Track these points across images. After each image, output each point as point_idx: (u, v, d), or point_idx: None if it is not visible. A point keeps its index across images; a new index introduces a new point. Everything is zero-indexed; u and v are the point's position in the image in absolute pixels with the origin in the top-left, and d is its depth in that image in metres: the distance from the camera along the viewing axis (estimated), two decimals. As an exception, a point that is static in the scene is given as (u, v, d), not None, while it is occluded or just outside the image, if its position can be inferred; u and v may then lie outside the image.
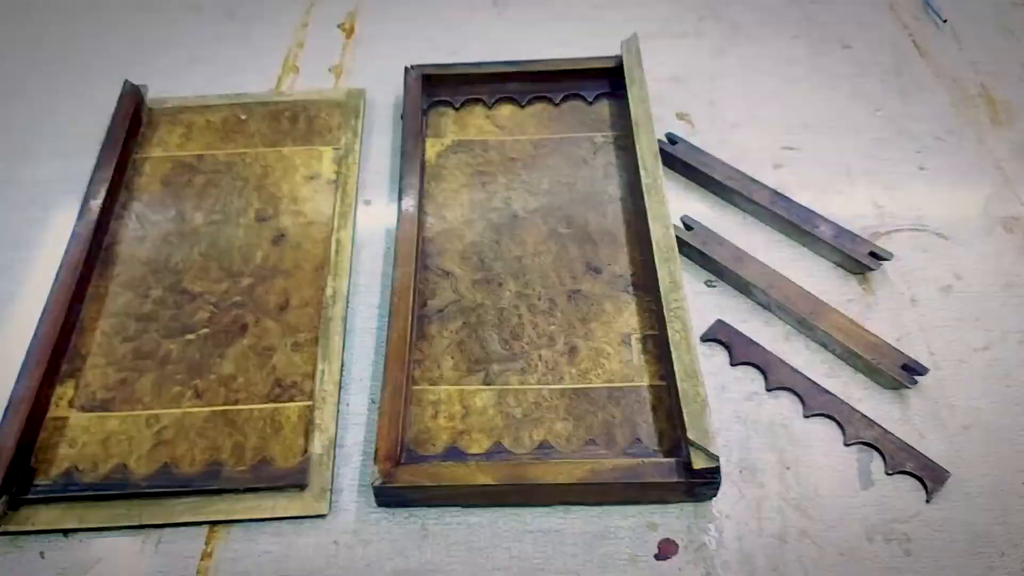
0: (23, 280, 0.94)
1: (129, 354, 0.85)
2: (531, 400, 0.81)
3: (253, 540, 0.74)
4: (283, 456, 0.78)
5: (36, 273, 0.94)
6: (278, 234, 0.95)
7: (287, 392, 0.82)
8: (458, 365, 0.84)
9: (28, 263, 0.95)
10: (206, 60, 1.20)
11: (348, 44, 1.22)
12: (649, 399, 0.81)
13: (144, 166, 1.03)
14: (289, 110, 1.09)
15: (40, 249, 0.97)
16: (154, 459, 0.78)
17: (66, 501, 0.75)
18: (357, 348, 0.88)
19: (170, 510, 0.75)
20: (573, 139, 1.05)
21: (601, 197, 0.98)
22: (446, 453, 0.77)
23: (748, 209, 0.98)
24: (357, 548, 0.74)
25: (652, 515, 0.75)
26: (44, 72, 1.18)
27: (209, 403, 0.82)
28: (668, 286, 0.83)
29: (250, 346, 0.86)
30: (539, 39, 1.22)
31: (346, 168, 1.01)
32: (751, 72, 1.16)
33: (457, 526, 0.75)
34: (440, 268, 0.92)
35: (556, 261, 0.92)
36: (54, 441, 0.79)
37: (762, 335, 0.87)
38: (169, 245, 0.94)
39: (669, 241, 0.86)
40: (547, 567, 0.72)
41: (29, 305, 0.91)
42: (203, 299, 0.90)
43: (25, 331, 0.88)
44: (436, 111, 1.09)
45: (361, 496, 0.77)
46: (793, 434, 0.80)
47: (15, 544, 0.74)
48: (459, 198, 0.99)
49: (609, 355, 0.84)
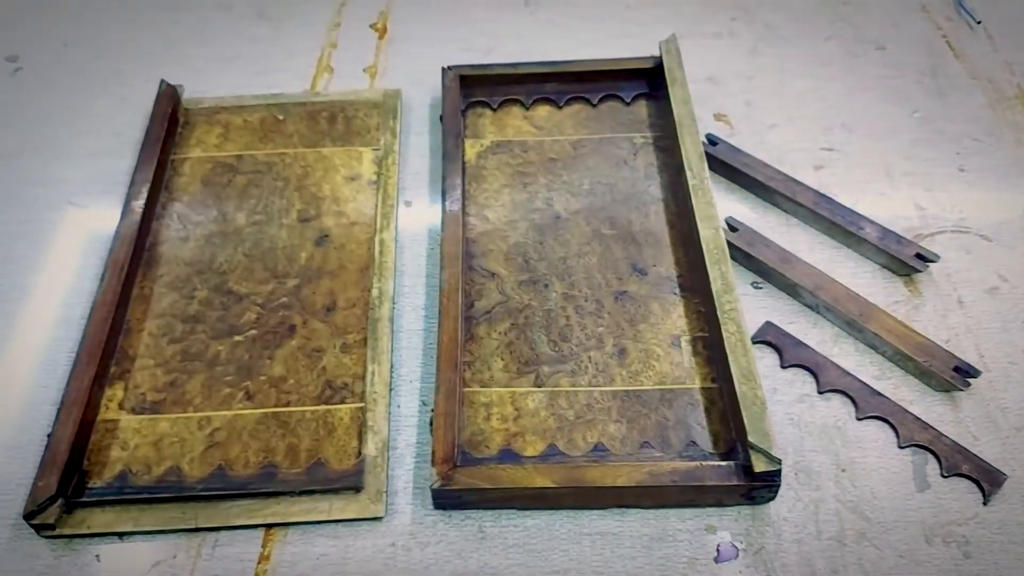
0: (65, 279, 0.93)
1: (177, 355, 0.85)
2: (583, 402, 0.81)
3: (310, 543, 0.74)
4: (337, 458, 0.77)
5: (78, 272, 0.94)
6: (321, 235, 0.95)
7: (338, 394, 0.82)
8: (508, 367, 0.84)
9: (68, 261, 0.95)
10: (238, 59, 1.20)
11: (381, 44, 1.22)
12: (702, 401, 0.81)
13: (183, 166, 1.02)
14: (326, 110, 1.09)
15: (80, 248, 0.96)
16: (207, 461, 0.77)
17: (120, 504, 0.75)
18: (404, 349, 0.88)
19: (225, 513, 0.74)
20: (612, 139, 1.05)
21: (643, 198, 0.98)
22: (501, 455, 0.77)
23: (790, 210, 0.98)
24: (415, 551, 0.73)
25: (709, 518, 0.75)
26: (75, 70, 1.18)
27: (260, 405, 0.81)
28: (720, 288, 0.82)
29: (299, 347, 0.85)
30: (571, 39, 1.22)
31: (386, 169, 1.01)
32: (786, 73, 1.16)
33: (514, 528, 0.75)
34: (485, 269, 0.92)
35: (601, 262, 0.92)
36: (106, 443, 0.79)
37: (810, 337, 0.87)
38: (212, 246, 0.94)
39: (719, 242, 0.86)
40: (606, 570, 0.72)
41: (73, 304, 0.90)
42: (249, 300, 0.89)
43: (70, 331, 0.88)
44: (474, 112, 1.09)
45: (416, 498, 0.77)
46: (847, 436, 0.80)
47: (70, 547, 0.74)
48: (500, 198, 0.99)
49: (659, 357, 0.84)
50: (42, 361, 0.86)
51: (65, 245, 0.97)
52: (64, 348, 0.87)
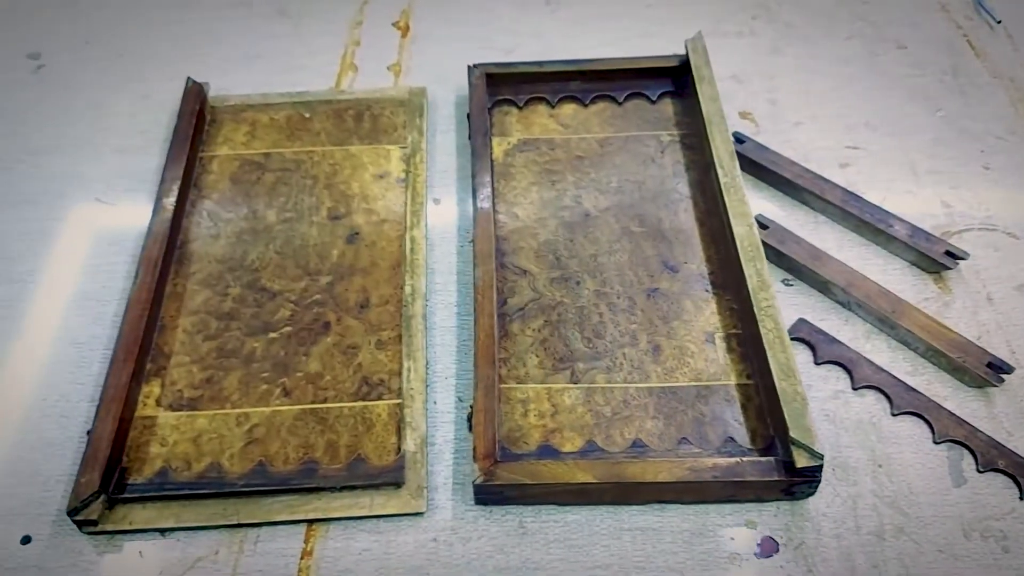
0: (96, 277, 0.93)
1: (213, 352, 0.85)
2: (619, 398, 0.81)
3: (352, 538, 0.74)
4: (376, 454, 0.78)
5: (109, 269, 0.94)
6: (352, 232, 0.95)
7: (375, 390, 0.82)
8: (543, 363, 0.84)
9: (100, 258, 0.95)
10: (261, 57, 1.20)
11: (404, 43, 1.22)
12: (738, 398, 0.81)
13: (211, 164, 1.02)
14: (352, 108, 1.09)
15: (110, 245, 0.96)
16: (247, 457, 0.77)
17: (162, 500, 0.75)
18: (438, 346, 0.88)
19: (267, 509, 0.75)
20: (639, 137, 1.05)
21: (672, 196, 0.98)
22: (540, 451, 0.78)
23: (819, 208, 0.98)
24: (457, 546, 0.74)
25: (749, 513, 0.75)
26: (97, 68, 1.18)
27: (298, 401, 0.81)
28: (756, 284, 0.83)
29: (334, 344, 0.86)
30: (592, 38, 1.22)
31: (414, 167, 1.01)
32: (809, 72, 1.16)
33: (554, 524, 0.75)
34: (516, 266, 0.92)
35: (632, 259, 0.92)
36: (144, 440, 0.79)
37: (842, 334, 0.88)
38: (244, 243, 0.94)
39: (753, 239, 0.86)
40: (648, 565, 0.72)
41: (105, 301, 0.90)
42: (283, 297, 0.89)
43: (104, 328, 0.88)
44: (499, 110, 1.09)
45: (456, 494, 0.77)
46: (882, 432, 0.80)
47: (113, 543, 0.74)
48: (529, 196, 0.99)
49: (693, 353, 0.84)
50: (76, 358, 0.86)
51: (95, 243, 0.97)
52: (98, 345, 0.87)
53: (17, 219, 0.99)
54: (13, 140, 1.08)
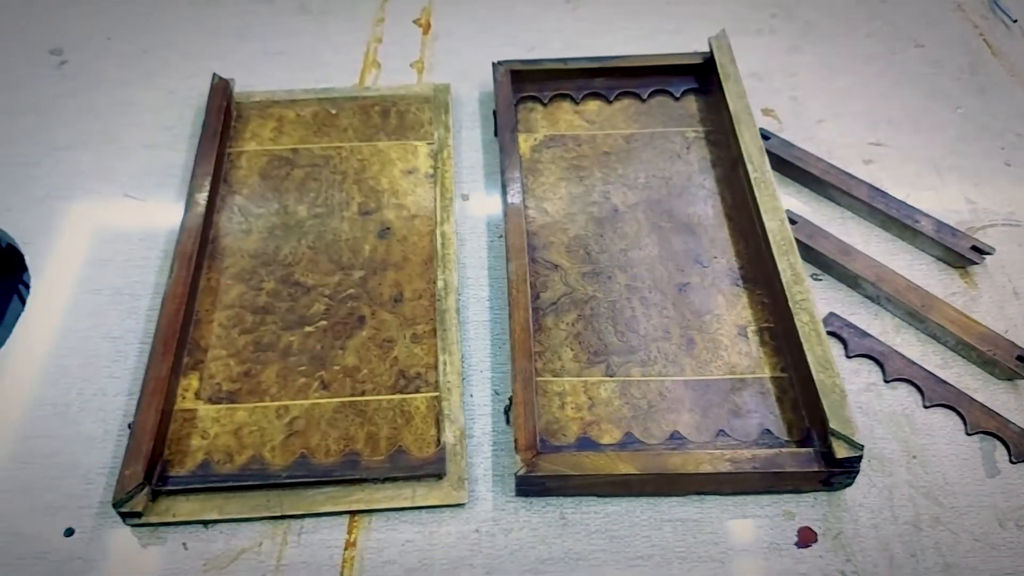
0: (128, 272, 0.93)
1: (249, 346, 0.85)
2: (655, 391, 0.82)
3: (394, 529, 0.75)
4: (417, 446, 0.78)
5: (141, 264, 0.94)
6: (383, 227, 0.96)
7: (412, 383, 0.83)
8: (578, 356, 0.85)
9: (131, 253, 0.95)
10: (283, 53, 1.20)
11: (426, 40, 1.22)
12: (773, 390, 0.82)
13: (240, 159, 1.03)
14: (378, 104, 1.09)
15: (141, 241, 0.96)
16: (289, 450, 0.78)
17: (205, 492, 0.75)
18: (472, 340, 0.88)
19: (310, 500, 0.75)
20: (664, 134, 1.06)
21: (699, 191, 0.99)
22: (579, 443, 0.78)
23: (845, 204, 0.99)
24: (499, 537, 0.74)
25: (787, 504, 0.76)
26: (121, 64, 1.18)
27: (336, 394, 0.82)
28: (790, 278, 0.84)
29: (370, 338, 0.86)
30: (613, 35, 1.23)
31: (442, 163, 1.02)
32: (829, 69, 1.17)
33: (595, 515, 0.76)
34: (548, 261, 0.93)
35: (662, 254, 0.93)
36: (185, 433, 0.79)
37: (872, 328, 0.88)
38: (276, 238, 0.95)
39: (786, 234, 0.87)
40: (689, 555, 0.73)
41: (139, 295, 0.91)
42: (317, 292, 0.90)
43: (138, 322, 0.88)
44: (525, 106, 1.10)
45: (496, 486, 0.78)
46: (915, 424, 0.81)
47: (156, 535, 0.74)
48: (558, 191, 1.00)
49: (727, 347, 0.85)
50: (112, 352, 0.87)
51: (125, 238, 0.97)
52: (133, 339, 0.87)
53: (45, 214, 0.99)
54: (39, 135, 1.08)
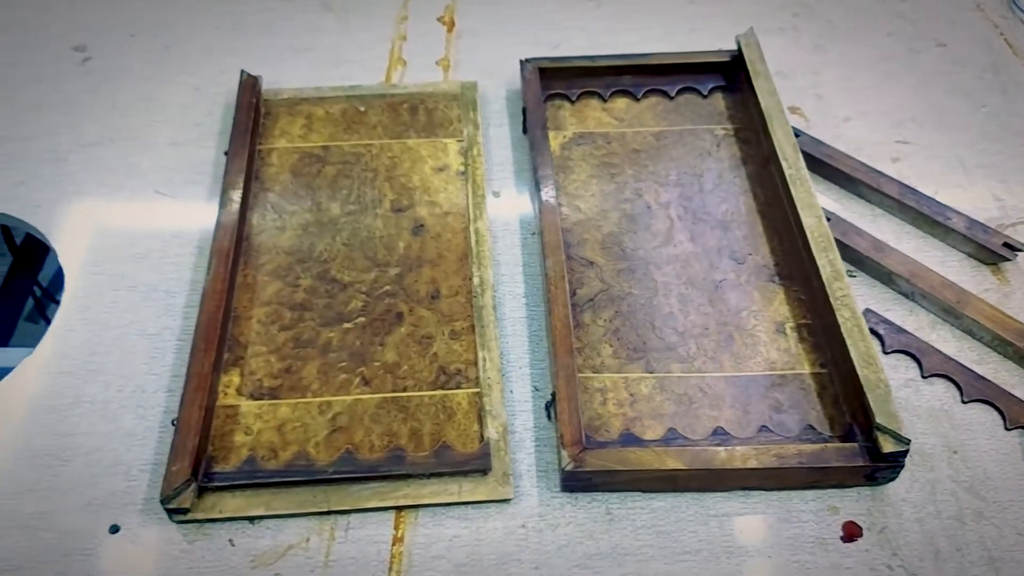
0: (162, 269, 0.93)
1: (289, 342, 0.85)
2: (695, 387, 0.82)
3: (441, 524, 0.75)
4: (460, 442, 0.78)
5: (174, 261, 0.94)
6: (417, 224, 0.96)
7: (453, 379, 0.83)
8: (618, 353, 0.85)
9: (165, 250, 0.95)
10: (307, 50, 1.20)
11: (450, 38, 1.22)
12: (813, 386, 0.82)
13: (271, 156, 1.03)
14: (406, 102, 1.09)
15: (175, 237, 0.96)
16: (333, 446, 0.78)
17: (250, 488, 0.75)
18: (509, 336, 0.88)
19: (356, 496, 0.75)
20: (693, 131, 1.06)
21: (730, 188, 0.99)
22: (623, 439, 0.78)
23: (875, 201, 1.00)
24: (546, 532, 0.74)
25: (830, 499, 0.76)
26: (145, 60, 1.17)
27: (378, 390, 0.82)
28: (830, 275, 0.84)
29: (408, 334, 0.86)
30: (636, 33, 1.23)
31: (472, 160, 1.02)
32: (853, 68, 1.18)
33: (640, 510, 0.76)
34: (583, 257, 0.93)
35: (696, 251, 0.93)
36: (228, 429, 0.79)
37: (907, 324, 0.89)
38: (310, 235, 0.94)
39: (824, 230, 0.88)
40: (736, 550, 0.73)
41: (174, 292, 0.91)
42: (354, 288, 0.90)
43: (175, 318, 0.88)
44: (552, 104, 1.10)
45: (541, 481, 0.78)
46: (954, 419, 0.82)
47: (203, 531, 0.74)
48: (589, 189, 1.00)
49: (765, 343, 0.85)
50: (149, 349, 0.86)
51: (158, 234, 0.96)
52: (171, 336, 0.87)
53: (75, 210, 0.99)
54: (65, 132, 1.08)
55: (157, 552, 0.73)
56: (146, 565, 0.72)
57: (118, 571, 0.72)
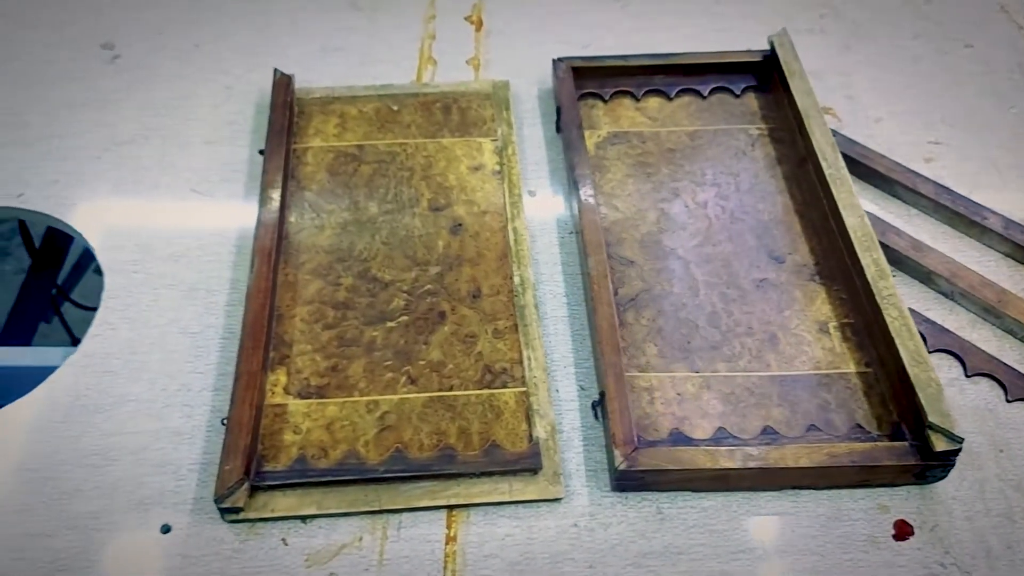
0: (202, 268, 0.93)
1: (333, 341, 0.85)
2: (742, 386, 0.82)
3: (493, 524, 0.75)
4: (509, 441, 0.78)
5: (213, 259, 0.93)
6: (455, 223, 0.96)
7: (499, 378, 0.83)
8: (663, 352, 0.85)
9: (203, 249, 0.94)
10: (337, 50, 1.20)
11: (479, 37, 1.22)
12: (859, 385, 0.82)
13: (306, 155, 1.02)
14: (439, 101, 1.09)
15: (213, 235, 0.96)
16: (383, 444, 0.78)
17: (301, 487, 0.75)
18: (552, 335, 0.88)
19: (408, 495, 0.75)
20: (728, 131, 1.06)
21: (767, 188, 1.00)
22: (673, 438, 0.78)
23: (910, 201, 1.00)
24: (598, 531, 0.74)
25: (880, 498, 0.77)
26: (174, 58, 1.17)
27: (424, 389, 0.82)
28: (875, 274, 0.84)
29: (452, 333, 0.86)
30: (664, 33, 1.23)
31: (507, 159, 1.02)
32: (882, 69, 1.18)
33: (691, 509, 0.76)
34: (622, 257, 0.93)
35: (736, 250, 0.94)
36: (277, 428, 0.79)
37: (948, 323, 0.89)
38: (349, 234, 0.94)
39: (867, 230, 0.88)
40: (788, 548, 0.73)
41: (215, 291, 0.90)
42: (395, 287, 0.90)
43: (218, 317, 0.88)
44: (585, 103, 1.10)
45: (590, 480, 0.78)
46: (999, 418, 0.82)
47: (254, 531, 0.74)
48: (626, 188, 1.00)
49: (810, 343, 0.86)
50: (192, 347, 0.86)
51: (195, 233, 0.96)
52: (214, 335, 0.87)
53: (111, 209, 0.98)
54: (97, 130, 1.07)
55: (210, 552, 0.72)
56: (199, 565, 0.72)
57: (171, 571, 0.71)
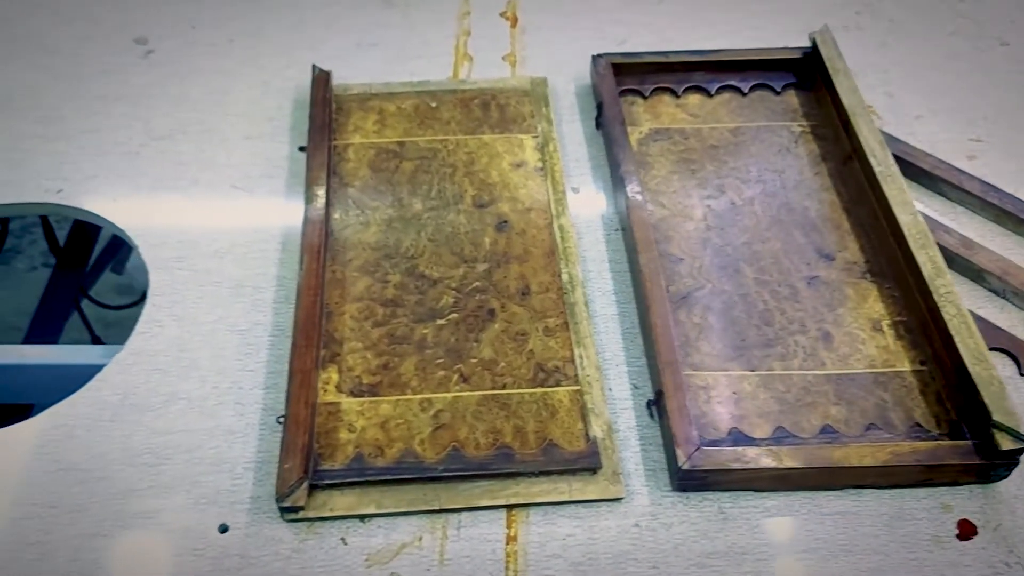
0: (246, 263, 0.92)
1: (384, 339, 0.84)
2: (798, 385, 0.82)
3: (553, 524, 0.74)
4: (566, 439, 0.77)
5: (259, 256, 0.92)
6: (500, 220, 0.95)
7: (552, 377, 0.82)
8: (718, 350, 0.84)
9: (247, 246, 0.94)
10: (372, 45, 1.19)
11: (515, 33, 1.21)
12: (915, 383, 0.82)
13: (347, 152, 1.01)
14: (478, 98, 1.08)
15: (256, 232, 0.95)
16: (438, 443, 0.77)
17: (360, 486, 0.74)
18: (603, 333, 0.88)
19: (466, 494, 0.74)
20: (770, 128, 1.06)
21: (812, 185, 0.99)
22: (732, 437, 0.78)
23: (956, 198, 0.99)
24: (660, 531, 0.74)
25: (942, 497, 0.76)
26: (209, 53, 1.16)
27: (477, 387, 0.81)
28: (931, 272, 0.84)
29: (503, 331, 0.85)
30: (701, 30, 1.23)
31: (549, 156, 1.01)
32: (920, 66, 1.18)
33: (753, 509, 0.75)
34: (671, 254, 0.92)
35: (785, 248, 0.93)
36: (331, 426, 0.78)
37: (1000, 322, 0.89)
38: (395, 231, 0.93)
39: (920, 227, 0.87)
40: (852, 548, 0.73)
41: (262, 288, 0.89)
42: (443, 284, 0.89)
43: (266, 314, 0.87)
44: (625, 99, 1.09)
45: (649, 480, 0.77)
46: (1057, 417, 0.81)
47: (313, 531, 0.73)
48: (671, 185, 0.99)
49: (864, 341, 0.85)
50: (242, 345, 0.85)
51: (238, 229, 0.95)
52: (262, 332, 0.86)
53: (152, 204, 0.97)
54: (135, 124, 1.06)
55: (269, 552, 0.71)
56: (258, 565, 0.71)
57: (229, 571, 0.70)
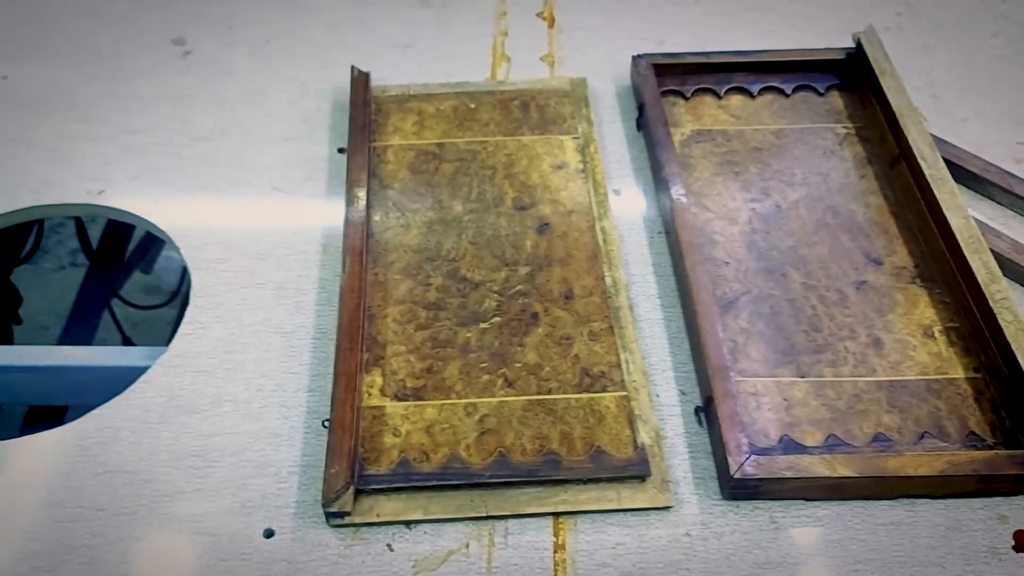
0: (290, 267, 0.91)
1: (427, 342, 0.83)
2: (850, 392, 0.80)
3: (602, 532, 0.73)
4: (614, 446, 0.76)
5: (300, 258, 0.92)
6: (542, 223, 0.94)
7: (598, 382, 0.81)
8: (766, 356, 0.83)
9: (288, 247, 0.93)
10: (408, 46, 1.18)
11: (552, 33, 1.20)
12: (970, 392, 0.80)
13: (386, 153, 1.01)
14: (517, 99, 1.07)
15: (297, 234, 0.94)
16: (484, 448, 0.76)
17: (406, 492, 0.73)
18: (648, 338, 0.87)
19: (514, 501, 0.73)
20: (813, 130, 1.04)
21: (858, 188, 0.97)
22: (783, 445, 0.76)
23: (1006, 202, 0.98)
24: (711, 541, 0.72)
25: (998, 507, 0.74)
26: (246, 54, 1.16)
27: (522, 392, 0.80)
28: (986, 277, 0.82)
29: (547, 335, 0.84)
30: (739, 30, 1.21)
31: (590, 157, 1.00)
32: (964, 67, 1.16)
33: (806, 519, 0.74)
34: (716, 258, 0.91)
35: (832, 252, 0.91)
36: (376, 430, 0.77)
37: (1054, 328, 0.87)
38: (436, 233, 0.93)
39: (973, 231, 0.86)
40: (908, 559, 0.71)
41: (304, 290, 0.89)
42: (486, 287, 0.88)
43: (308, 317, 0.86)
44: (666, 100, 1.08)
45: (699, 488, 0.76)
46: (1115, 427, 0.79)
47: (359, 536, 0.72)
48: (714, 187, 0.98)
49: (915, 347, 0.83)
50: (285, 347, 0.85)
51: (280, 231, 0.95)
52: (305, 334, 0.85)
53: (194, 205, 0.97)
54: (172, 125, 1.06)
55: (316, 557, 0.71)
56: (305, 570, 0.70)
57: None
